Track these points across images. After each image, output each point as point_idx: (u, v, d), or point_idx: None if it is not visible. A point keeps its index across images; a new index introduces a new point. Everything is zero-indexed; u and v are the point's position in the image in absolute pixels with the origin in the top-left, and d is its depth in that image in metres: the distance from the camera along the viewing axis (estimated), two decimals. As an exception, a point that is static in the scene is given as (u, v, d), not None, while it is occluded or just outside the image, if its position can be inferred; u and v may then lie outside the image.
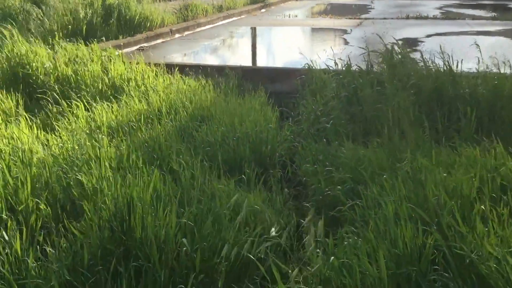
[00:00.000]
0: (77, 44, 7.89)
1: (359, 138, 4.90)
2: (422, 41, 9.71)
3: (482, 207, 3.08)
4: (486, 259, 2.73)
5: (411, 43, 9.33)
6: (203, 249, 3.17)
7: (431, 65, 5.82)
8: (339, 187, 3.86)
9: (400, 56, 6.08)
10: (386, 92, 5.38)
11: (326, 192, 4.03)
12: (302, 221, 3.91)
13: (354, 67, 6.22)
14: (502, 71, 5.56)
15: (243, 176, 4.35)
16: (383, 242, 2.83)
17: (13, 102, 6.05)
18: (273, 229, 3.52)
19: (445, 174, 3.46)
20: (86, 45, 7.95)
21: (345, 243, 2.95)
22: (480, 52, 5.76)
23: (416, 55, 6.38)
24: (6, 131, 5.01)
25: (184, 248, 3.08)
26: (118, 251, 3.01)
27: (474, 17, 13.40)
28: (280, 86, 7.31)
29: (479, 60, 5.70)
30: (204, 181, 4.01)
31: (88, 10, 9.78)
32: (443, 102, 5.37)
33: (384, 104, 5.19)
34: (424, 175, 3.47)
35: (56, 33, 8.76)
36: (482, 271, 2.70)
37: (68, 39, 8.51)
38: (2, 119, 5.57)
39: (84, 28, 9.46)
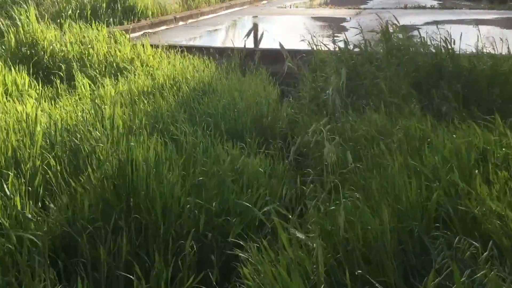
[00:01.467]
0: (84, 25, 7.74)
1: (359, 111, 4.77)
2: (420, 28, 9.53)
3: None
4: (490, 215, 2.60)
5: (409, 29, 9.15)
6: (208, 209, 3.05)
7: (430, 43, 5.69)
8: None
9: (397, 35, 5.96)
10: (383, 67, 5.26)
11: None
12: (304, 187, 3.79)
13: (352, 47, 6.08)
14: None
15: (244, 145, 4.23)
16: (385, 198, 2.70)
17: (21, 80, 5.92)
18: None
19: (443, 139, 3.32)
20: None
21: (347, 199, 2.81)
22: (479, 32, 5.65)
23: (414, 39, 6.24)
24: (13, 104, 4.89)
25: (188, 206, 2.95)
26: (120, 207, 2.88)
27: (470, 7, 13.24)
28: (281, 67, 7.17)
29: (478, 38, 5.58)
30: (207, 147, 3.88)
31: (92, -5, 9.64)
32: (442, 78, 5.24)
33: (382, 79, 5.06)
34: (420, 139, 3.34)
35: (62, 14, 8.62)
36: (486, 227, 2.57)
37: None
38: (12, 95, 5.46)
39: (88, 14, 9.29)
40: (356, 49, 6.00)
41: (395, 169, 2.85)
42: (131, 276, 2.46)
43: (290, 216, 2.67)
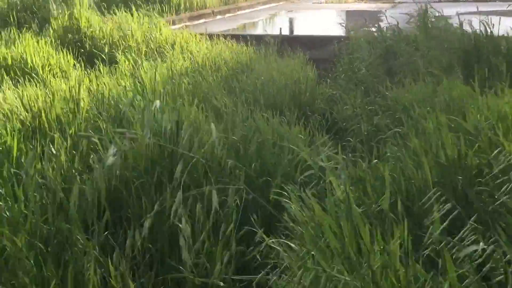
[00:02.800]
0: (126, 13, 7.81)
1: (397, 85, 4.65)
2: (453, 17, 9.33)
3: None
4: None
5: (446, 17, 8.96)
6: (248, 172, 3.00)
7: (469, 27, 5.54)
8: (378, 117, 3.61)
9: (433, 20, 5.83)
10: (420, 47, 5.14)
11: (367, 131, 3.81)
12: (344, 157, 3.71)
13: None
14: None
15: (283, 117, 4.16)
16: (426, 154, 2.60)
17: (66, 61, 6.00)
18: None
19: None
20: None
21: (388, 154, 2.72)
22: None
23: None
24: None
25: (230, 162, 2.90)
26: (162, 165, 2.85)
27: (503, -1, 12.89)
28: (317, 53, 7.09)
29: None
30: (247, 117, 3.83)
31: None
32: (480, 58, 5.08)
33: (419, 57, 4.94)
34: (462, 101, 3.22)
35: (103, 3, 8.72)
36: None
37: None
38: (56, 75, 5.54)
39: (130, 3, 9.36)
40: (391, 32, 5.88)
41: (434, 126, 2.74)
42: (179, 224, 2.41)
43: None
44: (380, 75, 4.95)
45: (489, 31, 5.28)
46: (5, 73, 5.28)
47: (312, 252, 1.95)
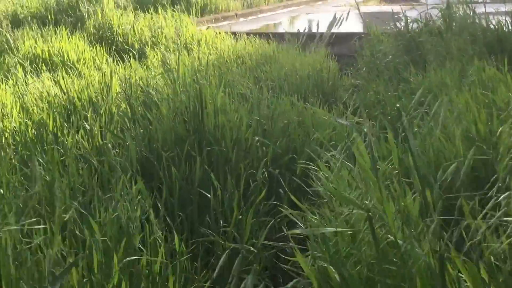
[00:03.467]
0: (154, 13, 7.83)
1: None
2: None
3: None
4: None
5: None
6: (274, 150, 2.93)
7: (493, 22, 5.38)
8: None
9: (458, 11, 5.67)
10: (444, 38, 4.99)
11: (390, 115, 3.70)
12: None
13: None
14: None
15: (307, 103, 4.08)
16: (457, 127, 2.49)
17: (97, 55, 6.01)
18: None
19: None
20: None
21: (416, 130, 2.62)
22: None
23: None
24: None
25: (257, 139, 2.84)
26: (191, 138, 2.79)
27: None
28: (339, 49, 6.99)
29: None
30: (272, 102, 3.76)
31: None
32: (503, 49, 4.94)
33: (444, 48, 4.80)
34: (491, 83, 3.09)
35: (131, 5, 8.77)
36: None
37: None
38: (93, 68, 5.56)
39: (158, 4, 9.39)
40: (415, 24, 5.75)
41: (465, 101, 2.63)
42: (207, 194, 2.35)
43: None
44: (403, 64, 4.83)
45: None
46: (44, 65, 5.33)
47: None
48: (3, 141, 2.80)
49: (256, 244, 2.24)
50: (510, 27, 5.13)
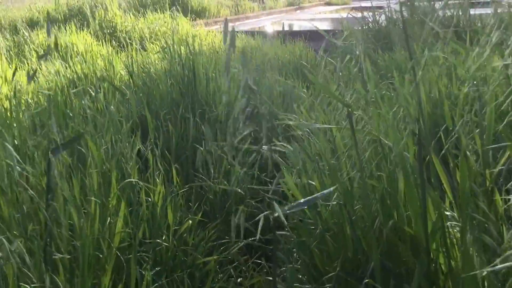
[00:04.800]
0: (153, 13, 7.70)
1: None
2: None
3: None
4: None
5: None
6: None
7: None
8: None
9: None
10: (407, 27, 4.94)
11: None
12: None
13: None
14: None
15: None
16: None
17: (103, 48, 5.88)
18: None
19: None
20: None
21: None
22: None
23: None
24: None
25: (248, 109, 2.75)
26: (185, 102, 2.71)
27: None
28: (316, 43, 6.93)
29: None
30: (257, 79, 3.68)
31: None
32: (459, 36, 4.91)
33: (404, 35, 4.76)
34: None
35: (132, 8, 8.62)
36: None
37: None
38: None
39: (156, 6, 9.26)
40: (382, 17, 5.71)
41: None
42: (199, 147, 2.27)
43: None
44: (373, 50, 4.79)
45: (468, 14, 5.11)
46: (55, 53, 5.20)
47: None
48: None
49: (244, 187, 2.16)
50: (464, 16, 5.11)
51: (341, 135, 1.59)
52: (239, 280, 1.77)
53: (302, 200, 1.06)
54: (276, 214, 1.16)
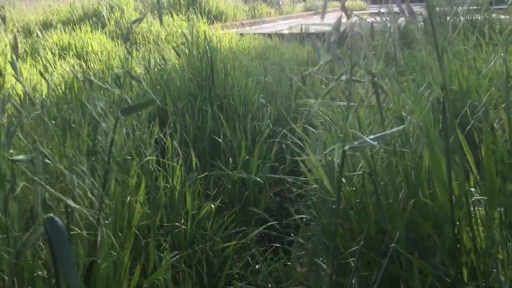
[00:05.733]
0: (169, 16, 7.82)
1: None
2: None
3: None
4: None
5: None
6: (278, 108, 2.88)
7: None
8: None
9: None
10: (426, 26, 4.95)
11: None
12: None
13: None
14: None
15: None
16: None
17: (119, 48, 5.99)
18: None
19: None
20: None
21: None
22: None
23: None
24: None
25: (260, 101, 2.79)
26: (203, 95, 2.75)
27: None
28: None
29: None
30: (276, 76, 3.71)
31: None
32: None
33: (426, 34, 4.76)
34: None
35: (148, 11, 8.76)
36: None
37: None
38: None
39: (175, 9, 9.40)
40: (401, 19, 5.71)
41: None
42: (218, 138, 2.30)
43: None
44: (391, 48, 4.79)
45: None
46: (71, 54, 5.32)
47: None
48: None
49: (263, 176, 2.18)
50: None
51: (364, 113, 1.61)
52: (257, 267, 1.78)
53: (372, 136, 1.06)
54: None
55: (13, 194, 1.20)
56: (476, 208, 1.15)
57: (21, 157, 1.03)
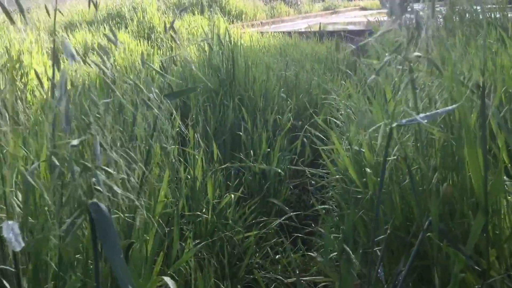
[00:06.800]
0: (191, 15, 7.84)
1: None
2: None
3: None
4: None
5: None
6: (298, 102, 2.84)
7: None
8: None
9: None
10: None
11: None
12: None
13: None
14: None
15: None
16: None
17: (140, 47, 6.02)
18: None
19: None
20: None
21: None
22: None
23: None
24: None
25: (281, 95, 2.76)
26: (224, 90, 2.72)
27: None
28: (352, 43, 6.88)
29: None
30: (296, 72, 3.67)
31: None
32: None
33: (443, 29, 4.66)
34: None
35: (170, 10, 8.81)
36: None
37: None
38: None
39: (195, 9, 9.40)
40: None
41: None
42: (240, 133, 2.27)
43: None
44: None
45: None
46: (95, 52, 5.37)
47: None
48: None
49: (283, 168, 2.15)
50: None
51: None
52: (277, 257, 1.75)
53: (422, 115, 1.00)
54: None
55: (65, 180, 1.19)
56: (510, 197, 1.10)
57: (75, 142, 1.01)
